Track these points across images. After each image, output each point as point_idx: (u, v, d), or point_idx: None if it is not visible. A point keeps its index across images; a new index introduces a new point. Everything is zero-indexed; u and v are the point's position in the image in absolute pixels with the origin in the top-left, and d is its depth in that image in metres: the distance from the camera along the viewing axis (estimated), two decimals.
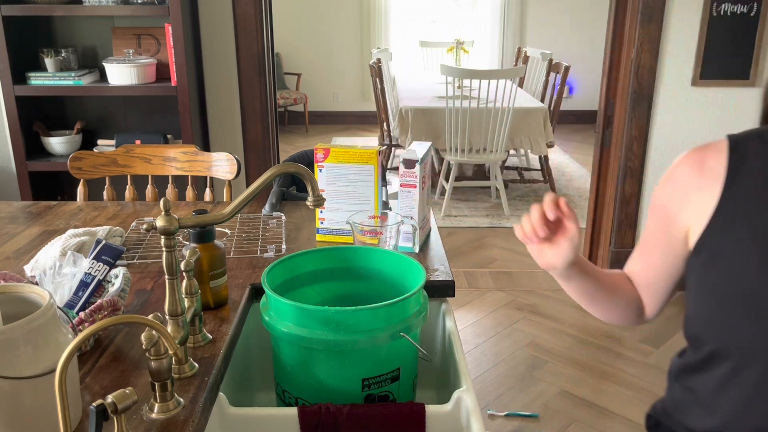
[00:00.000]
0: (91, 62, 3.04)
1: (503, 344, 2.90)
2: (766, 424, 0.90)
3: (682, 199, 0.98)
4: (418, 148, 1.53)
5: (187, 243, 1.26)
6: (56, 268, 1.19)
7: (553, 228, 0.98)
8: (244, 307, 1.30)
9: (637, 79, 3.10)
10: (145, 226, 1.01)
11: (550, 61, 5.11)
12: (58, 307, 0.96)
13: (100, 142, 3.03)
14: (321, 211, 1.59)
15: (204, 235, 1.23)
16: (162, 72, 2.95)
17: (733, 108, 3.13)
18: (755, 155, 0.94)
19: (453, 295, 1.41)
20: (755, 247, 0.89)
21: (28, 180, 2.91)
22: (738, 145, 0.96)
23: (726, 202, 0.93)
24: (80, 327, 1.06)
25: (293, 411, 1.05)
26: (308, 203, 1.16)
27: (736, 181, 0.93)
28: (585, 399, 2.54)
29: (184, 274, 1.11)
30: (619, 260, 3.37)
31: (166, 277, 1.03)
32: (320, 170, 1.57)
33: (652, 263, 1.07)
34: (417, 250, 1.53)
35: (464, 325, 3.00)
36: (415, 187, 1.51)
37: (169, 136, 2.96)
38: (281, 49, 7.05)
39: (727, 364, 0.92)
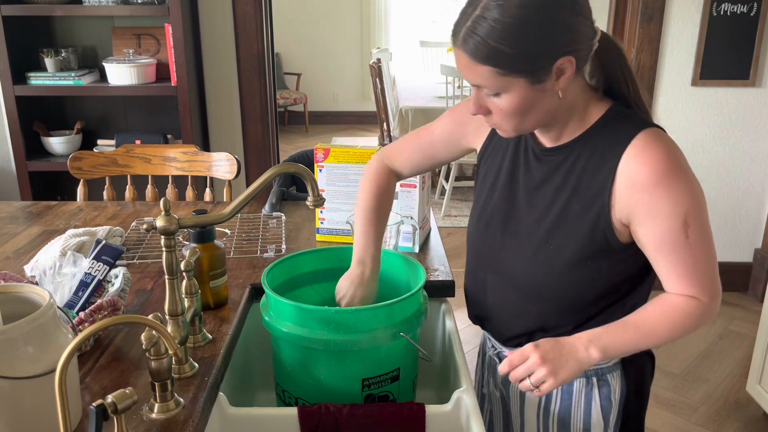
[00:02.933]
0: (91, 62, 3.04)
1: None
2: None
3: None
4: None
5: (187, 243, 1.26)
6: (56, 268, 1.19)
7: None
8: (244, 307, 1.30)
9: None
10: (145, 226, 1.01)
11: None
12: (58, 307, 0.96)
13: (100, 142, 3.03)
14: (321, 211, 1.59)
15: (204, 235, 1.23)
16: (162, 72, 2.95)
17: (733, 108, 3.13)
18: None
19: (453, 295, 1.41)
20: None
21: (28, 180, 2.91)
22: None
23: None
24: (80, 327, 1.06)
25: (293, 411, 1.05)
26: (308, 203, 1.16)
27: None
28: None
29: (184, 274, 1.11)
30: None
31: (166, 277, 1.03)
32: (320, 170, 1.57)
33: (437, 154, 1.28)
34: (417, 250, 1.53)
35: (464, 325, 3.00)
36: (415, 187, 1.51)
37: (169, 136, 2.96)
38: (281, 49, 7.04)
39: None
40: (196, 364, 1.07)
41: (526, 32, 0.91)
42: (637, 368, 1.16)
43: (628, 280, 1.09)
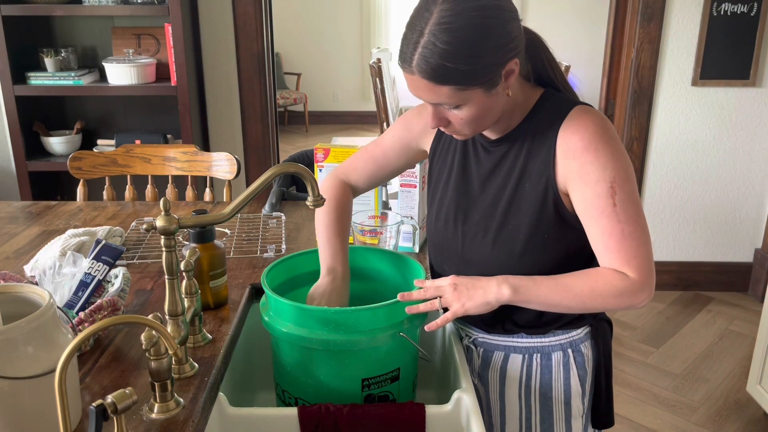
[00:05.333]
0: (91, 62, 3.04)
1: None
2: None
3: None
4: None
5: (187, 243, 1.26)
6: (56, 268, 1.19)
7: None
8: (244, 307, 1.30)
9: (637, 79, 3.10)
10: (145, 226, 1.01)
11: None
12: (58, 307, 0.96)
13: (100, 142, 3.03)
14: None
15: (204, 235, 1.23)
16: (162, 72, 2.95)
17: (733, 108, 3.13)
18: None
19: None
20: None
21: (28, 180, 2.91)
22: None
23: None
24: (80, 327, 1.06)
25: (293, 411, 1.05)
26: (308, 203, 1.16)
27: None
28: None
29: (184, 274, 1.10)
30: None
31: (166, 277, 1.03)
32: (320, 170, 1.57)
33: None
34: (417, 250, 1.53)
35: None
36: (415, 187, 1.51)
37: (169, 136, 2.96)
38: (281, 49, 7.04)
39: None
40: (196, 364, 1.07)
41: (477, 48, 0.98)
42: (602, 335, 1.24)
43: (583, 256, 1.14)
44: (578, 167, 1.06)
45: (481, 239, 1.16)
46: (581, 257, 1.15)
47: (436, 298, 1.09)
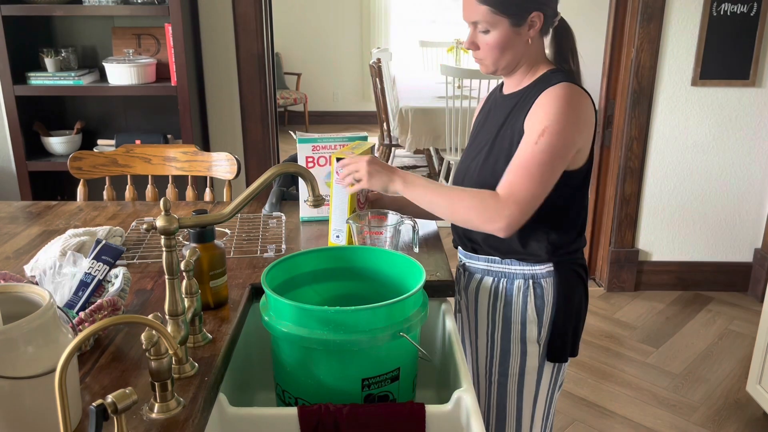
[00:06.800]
0: (91, 62, 3.04)
1: None
2: None
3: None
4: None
5: (187, 243, 1.26)
6: (56, 268, 1.19)
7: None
8: (244, 307, 1.30)
9: (637, 79, 3.10)
10: (145, 226, 1.01)
11: None
12: (58, 307, 0.96)
13: (100, 142, 3.03)
14: (332, 230, 1.55)
15: (204, 235, 1.23)
16: (162, 72, 2.95)
17: (733, 108, 3.13)
18: None
19: (453, 295, 1.41)
20: None
21: (28, 180, 2.91)
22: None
23: None
24: (80, 327, 1.06)
25: (293, 411, 1.05)
26: (308, 203, 1.16)
27: None
28: (585, 399, 2.54)
29: (184, 274, 1.11)
30: (619, 260, 3.37)
31: (166, 277, 1.03)
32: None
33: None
34: (417, 250, 1.53)
35: None
36: None
37: (169, 136, 2.96)
38: (281, 49, 7.04)
39: None
40: (196, 364, 1.07)
41: None
42: (565, 274, 1.42)
43: (554, 200, 1.31)
44: (533, 110, 1.31)
45: (475, 168, 1.42)
46: (552, 200, 1.33)
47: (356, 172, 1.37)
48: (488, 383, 1.50)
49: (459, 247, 1.56)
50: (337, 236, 1.50)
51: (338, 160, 1.42)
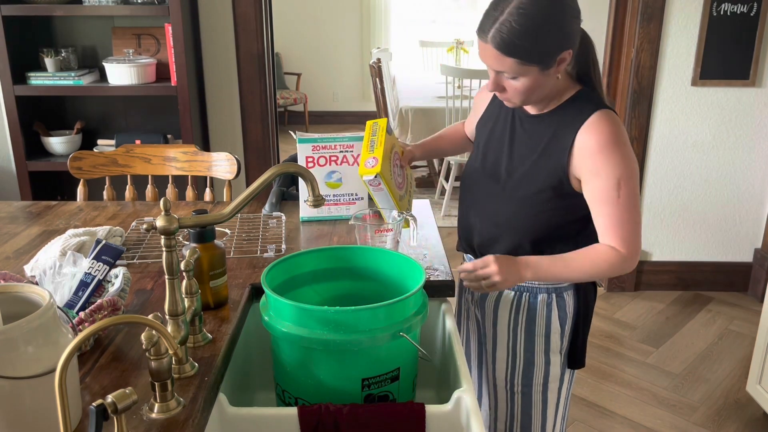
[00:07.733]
0: (91, 62, 3.04)
1: None
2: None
3: None
4: None
5: (187, 243, 1.26)
6: (56, 268, 1.19)
7: None
8: (244, 307, 1.30)
9: (637, 79, 3.10)
10: (145, 226, 1.01)
11: None
12: (58, 307, 0.96)
13: (100, 142, 3.03)
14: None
15: (204, 235, 1.23)
16: (162, 72, 2.95)
17: (733, 108, 3.13)
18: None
19: (453, 295, 1.41)
20: None
21: (28, 180, 2.91)
22: None
23: None
24: (80, 327, 1.06)
25: (293, 411, 1.05)
26: (308, 203, 1.16)
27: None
28: (585, 399, 2.54)
29: (184, 274, 1.11)
30: None
31: (166, 277, 1.03)
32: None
33: None
34: (415, 243, 1.53)
35: None
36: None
37: (169, 136, 2.96)
38: (281, 49, 7.04)
39: None
40: (196, 364, 1.07)
41: (543, 34, 1.21)
42: (584, 291, 1.47)
43: (573, 223, 1.38)
44: (592, 165, 1.29)
45: (494, 184, 1.43)
46: (572, 224, 1.40)
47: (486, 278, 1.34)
48: (510, 394, 1.52)
49: (469, 256, 1.55)
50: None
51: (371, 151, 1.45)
